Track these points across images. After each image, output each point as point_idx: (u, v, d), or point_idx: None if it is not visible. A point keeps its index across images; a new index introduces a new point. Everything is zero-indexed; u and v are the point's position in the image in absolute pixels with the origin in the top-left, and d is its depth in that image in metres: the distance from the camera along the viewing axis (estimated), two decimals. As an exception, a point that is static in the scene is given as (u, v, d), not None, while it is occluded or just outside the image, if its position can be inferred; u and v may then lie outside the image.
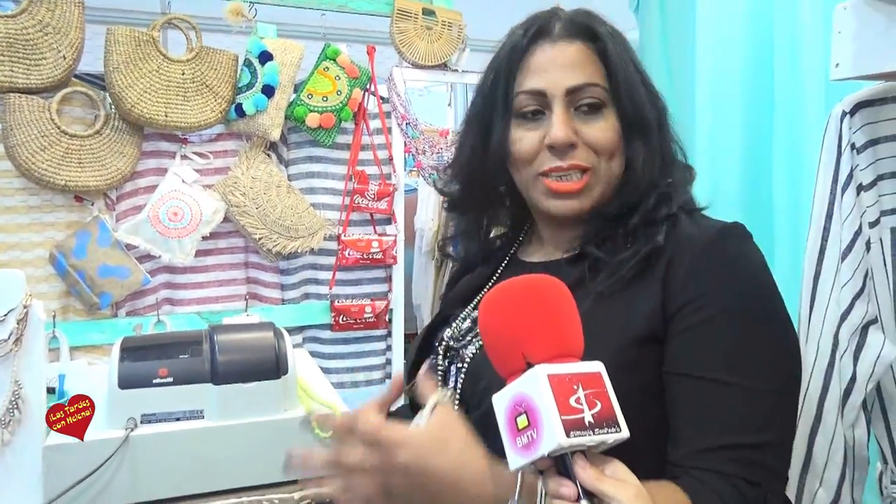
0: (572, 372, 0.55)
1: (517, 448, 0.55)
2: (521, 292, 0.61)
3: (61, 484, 1.03)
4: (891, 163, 0.85)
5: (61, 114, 1.70)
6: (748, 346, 0.69)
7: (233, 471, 1.14)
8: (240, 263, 2.01)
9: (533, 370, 0.55)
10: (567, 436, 0.52)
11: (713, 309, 0.70)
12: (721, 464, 0.65)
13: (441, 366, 0.83)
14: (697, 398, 0.68)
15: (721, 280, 0.71)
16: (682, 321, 0.70)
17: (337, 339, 2.09)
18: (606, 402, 0.55)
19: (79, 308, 1.80)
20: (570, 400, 0.54)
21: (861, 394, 0.85)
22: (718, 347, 0.69)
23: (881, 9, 0.74)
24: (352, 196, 2.05)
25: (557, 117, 0.77)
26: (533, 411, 0.54)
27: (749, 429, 0.67)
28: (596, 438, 0.53)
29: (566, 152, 0.78)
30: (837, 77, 0.79)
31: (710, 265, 0.72)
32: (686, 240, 0.74)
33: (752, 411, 0.68)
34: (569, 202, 0.79)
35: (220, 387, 1.12)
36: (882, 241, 0.85)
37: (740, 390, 0.67)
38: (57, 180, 1.69)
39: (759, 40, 1.41)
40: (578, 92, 0.78)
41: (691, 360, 0.70)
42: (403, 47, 2.11)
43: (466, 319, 0.86)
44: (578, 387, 0.54)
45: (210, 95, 1.84)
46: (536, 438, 0.53)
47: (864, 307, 0.85)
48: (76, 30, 1.69)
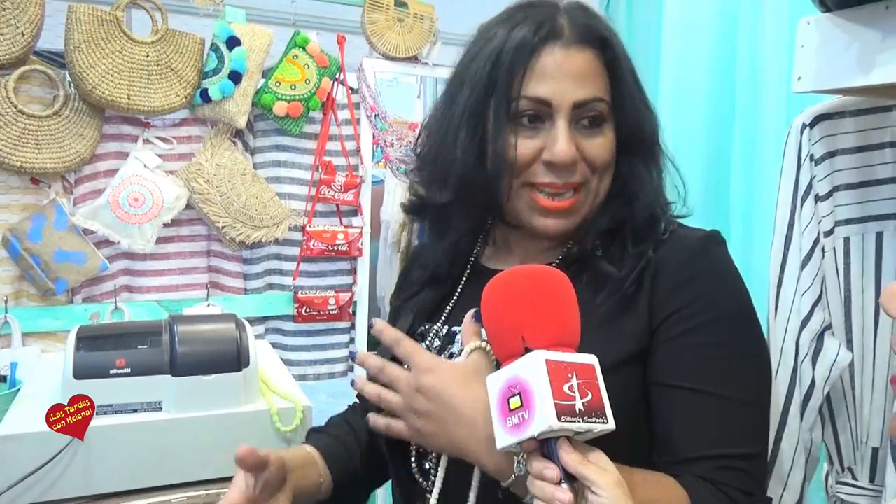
0: (568, 361, 0.58)
1: (507, 427, 0.58)
2: (528, 279, 0.63)
3: (12, 475, 1.00)
4: (846, 175, 0.87)
5: (18, 92, 1.65)
6: (734, 356, 0.70)
7: (191, 464, 1.12)
8: (202, 252, 1.97)
9: (532, 354, 0.58)
10: (558, 419, 0.55)
11: (698, 319, 0.70)
12: (715, 472, 0.66)
13: None
14: (687, 409, 0.69)
15: (705, 290, 0.71)
16: (666, 331, 0.71)
17: (300, 331, 2.07)
18: (597, 394, 0.58)
19: (33, 293, 1.75)
20: (564, 387, 0.56)
21: (819, 398, 0.88)
22: (706, 357, 0.69)
23: (843, 26, 0.76)
24: (318, 186, 2.03)
25: (562, 133, 0.72)
26: (527, 393, 0.57)
27: (740, 440, 0.68)
28: (584, 426, 0.56)
29: (567, 169, 0.74)
30: (799, 90, 0.81)
31: (694, 275, 0.72)
32: (669, 251, 0.74)
33: (741, 422, 0.69)
34: (558, 221, 0.76)
35: (180, 378, 1.11)
36: (836, 250, 0.88)
37: (728, 401, 0.68)
38: (12, 161, 1.63)
39: (722, 50, 1.44)
40: (584, 107, 0.73)
41: (679, 371, 0.70)
42: (374, 38, 2.10)
43: (437, 338, 0.82)
44: (573, 375, 0.57)
45: (175, 79, 1.80)
46: (528, 419, 0.56)
47: (823, 314, 0.88)
48: (36, 6, 1.63)
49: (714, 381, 0.69)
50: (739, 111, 1.38)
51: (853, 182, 0.87)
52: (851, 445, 0.88)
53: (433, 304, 0.85)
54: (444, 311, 0.84)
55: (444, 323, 0.82)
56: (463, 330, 0.73)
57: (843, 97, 0.88)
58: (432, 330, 0.83)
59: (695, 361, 0.69)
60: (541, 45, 0.73)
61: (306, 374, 2.09)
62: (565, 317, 0.62)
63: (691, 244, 0.74)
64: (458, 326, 0.79)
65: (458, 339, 0.79)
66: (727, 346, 0.70)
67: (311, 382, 2.07)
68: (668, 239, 0.75)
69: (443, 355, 0.79)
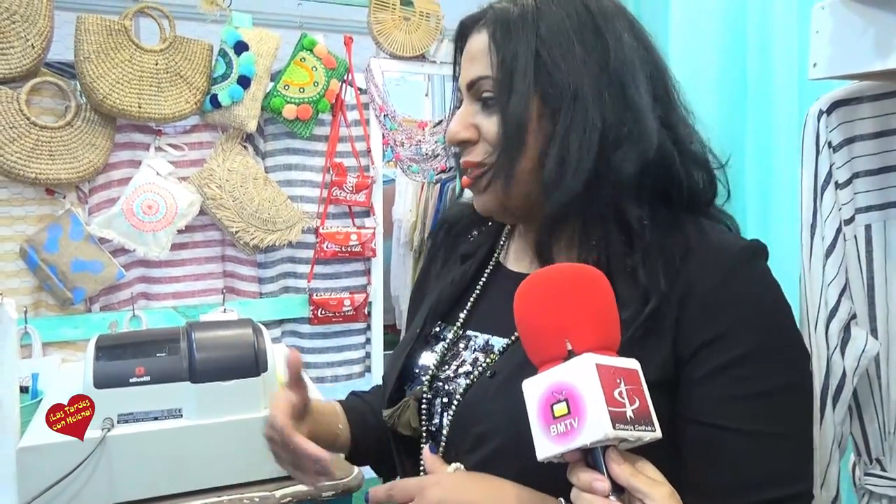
0: (616, 365, 0.55)
1: (551, 436, 0.54)
2: (568, 279, 0.59)
3: (37, 486, 1.01)
4: (865, 161, 0.85)
5: (30, 104, 1.66)
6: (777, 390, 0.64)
7: (212, 469, 1.13)
8: (216, 257, 1.98)
9: (581, 358, 0.54)
10: (613, 427, 0.51)
11: (735, 351, 0.64)
12: None
13: (426, 396, 0.77)
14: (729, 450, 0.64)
15: (742, 318, 0.65)
16: (699, 365, 0.65)
17: (316, 333, 2.08)
18: (644, 400, 0.54)
19: (51, 303, 1.76)
20: (615, 392, 0.53)
21: (850, 389, 0.86)
22: (746, 394, 0.64)
23: (858, 10, 0.74)
24: (330, 188, 2.04)
25: (457, 114, 0.75)
26: (576, 399, 0.53)
27: (786, 480, 0.64)
28: (635, 434, 0.53)
29: (463, 148, 0.75)
30: (815, 76, 0.79)
31: (730, 301, 0.65)
32: (700, 266, 0.67)
33: (788, 460, 0.65)
34: (476, 198, 0.76)
35: (199, 385, 1.11)
36: (857, 238, 0.86)
37: (774, 438, 0.64)
38: (27, 173, 1.65)
39: (732, 37, 1.41)
40: (474, 87, 0.73)
41: (716, 409, 0.64)
42: (381, 38, 2.09)
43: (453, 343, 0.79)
44: (621, 381, 0.54)
45: (184, 86, 1.80)
46: (577, 427, 0.52)
47: (849, 303, 0.86)
48: (45, 18, 1.65)
49: (756, 420, 0.64)
50: (751, 99, 1.36)
51: (872, 168, 0.85)
52: (879, 436, 0.87)
53: (448, 303, 0.83)
54: (460, 312, 0.82)
55: (462, 326, 0.81)
56: (428, 465, 0.72)
57: (859, 82, 0.86)
58: (448, 331, 0.81)
59: (733, 398, 0.64)
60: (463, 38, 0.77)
61: (324, 376, 2.09)
62: (610, 318, 0.58)
63: (726, 260, 0.67)
64: (472, 331, 0.78)
65: (470, 347, 0.78)
66: (768, 379, 0.64)
67: (329, 384, 2.08)
68: (700, 248, 0.68)
69: (454, 363, 0.77)
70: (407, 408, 0.76)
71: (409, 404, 0.76)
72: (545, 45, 0.69)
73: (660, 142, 0.69)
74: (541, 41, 0.70)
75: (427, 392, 0.77)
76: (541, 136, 0.70)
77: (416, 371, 0.80)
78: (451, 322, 0.81)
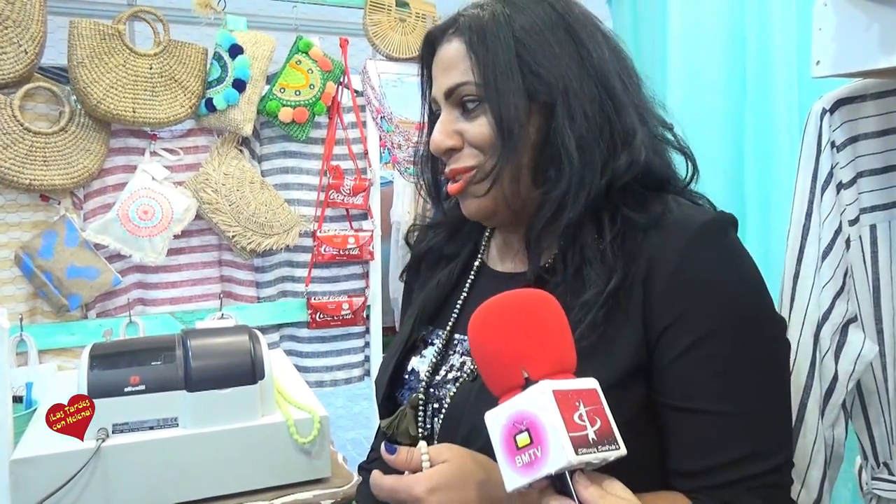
0: (573, 388, 0.54)
1: (516, 467, 0.53)
2: (516, 307, 0.59)
3: (30, 499, 0.99)
4: (870, 160, 0.84)
5: (24, 110, 1.65)
6: (749, 366, 0.64)
7: (210, 479, 1.11)
8: (213, 262, 1.97)
9: (538, 386, 0.54)
10: (576, 453, 0.51)
11: (703, 328, 0.64)
12: (744, 495, 0.64)
13: (421, 401, 0.77)
14: (706, 431, 0.64)
15: (708, 293, 0.65)
16: (668, 346, 0.65)
17: (314, 338, 2.06)
18: (605, 419, 0.54)
19: (47, 310, 1.75)
20: (574, 416, 0.53)
21: (843, 393, 0.85)
22: (718, 373, 0.64)
23: (862, 6, 0.73)
24: (327, 191, 2.02)
25: (437, 124, 0.75)
26: (537, 428, 0.52)
27: (766, 454, 0.65)
28: (599, 455, 0.52)
29: (449, 156, 0.75)
30: (818, 75, 0.78)
31: (694, 275, 0.65)
32: (664, 241, 0.66)
33: (765, 435, 0.65)
34: (465, 203, 0.76)
35: (195, 394, 1.09)
36: (861, 239, 0.85)
37: (750, 416, 0.64)
38: (21, 179, 1.63)
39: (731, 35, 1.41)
40: (453, 94, 0.74)
41: (691, 391, 0.65)
42: (377, 39, 2.08)
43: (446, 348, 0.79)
44: (580, 403, 0.53)
45: (179, 90, 1.79)
46: (541, 457, 0.52)
47: (845, 306, 0.85)
48: (38, 23, 1.63)
49: (731, 399, 0.64)
50: (750, 98, 1.35)
51: (877, 167, 0.84)
52: (886, 439, 0.85)
53: (435, 306, 0.84)
54: (450, 315, 0.82)
55: (450, 329, 0.80)
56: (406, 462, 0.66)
57: (862, 80, 0.85)
58: (435, 334, 0.81)
59: (706, 379, 0.64)
60: (432, 51, 0.78)
61: (323, 380, 2.08)
62: (563, 342, 0.58)
63: (690, 233, 0.66)
64: (459, 334, 0.79)
65: (457, 351, 0.78)
66: (739, 355, 0.64)
67: (328, 388, 2.06)
68: (665, 224, 0.67)
69: (443, 368, 0.78)
70: (405, 416, 0.77)
71: (407, 412, 0.76)
72: (523, 46, 0.71)
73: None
74: (518, 42, 0.71)
75: (422, 399, 0.77)
76: (535, 134, 0.71)
77: (405, 377, 0.81)
78: (439, 325, 0.82)
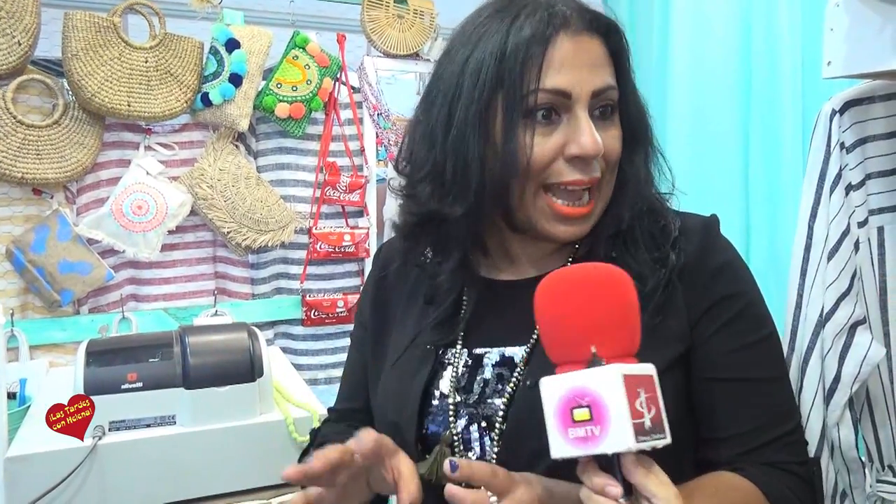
0: (638, 373, 0.55)
1: (569, 438, 0.54)
2: (598, 280, 0.58)
3: (25, 497, 0.98)
4: (879, 162, 0.84)
5: (17, 103, 1.62)
6: (764, 338, 0.72)
7: (208, 478, 1.10)
8: (208, 258, 1.95)
9: (609, 368, 0.54)
10: (636, 440, 0.52)
11: (733, 310, 0.71)
12: (775, 455, 0.69)
13: (453, 426, 0.72)
14: (737, 399, 0.70)
15: (731, 280, 0.72)
16: (706, 327, 0.71)
17: (308, 335, 2.05)
18: (658, 408, 0.55)
19: (39, 305, 1.72)
20: (636, 403, 0.53)
21: (845, 393, 0.84)
22: (746, 345, 0.71)
23: (874, 7, 0.73)
24: (323, 188, 2.01)
25: (587, 123, 0.67)
26: (599, 408, 0.53)
27: (787, 416, 0.72)
28: (651, 443, 0.53)
29: (591, 164, 0.69)
30: (829, 75, 0.78)
31: (718, 267, 0.72)
32: (685, 245, 0.73)
33: (784, 399, 0.72)
34: (577, 227, 0.71)
35: (193, 391, 1.08)
36: (870, 241, 0.85)
37: (770, 383, 0.72)
38: (13, 172, 1.61)
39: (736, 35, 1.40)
40: (600, 96, 0.69)
41: (726, 364, 0.71)
42: (374, 36, 2.07)
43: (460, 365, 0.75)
44: (641, 391, 0.54)
45: (175, 84, 1.77)
46: (599, 436, 0.53)
47: (851, 307, 0.85)
48: (31, 14, 1.60)
49: (757, 367, 0.71)
50: (755, 98, 1.35)
51: (886, 169, 0.84)
52: (892, 442, 0.85)
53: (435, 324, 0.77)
54: (456, 332, 0.76)
55: (464, 346, 0.76)
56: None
57: (871, 82, 0.84)
58: (448, 354, 0.76)
59: (738, 351, 0.71)
60: (553, 36, 0.68)
61: (317, 377, 2.06)
62: (634, 323, 0.57)
63: (702, 235, 0.74)
64: (480, 348, 0.75)
65: (487, 364, 0.74)
66: (757, 329, 0.72)
67: (323, 386, 2.05)
68: (682, 228, 0.74)
69: (475, 382, 0.73)
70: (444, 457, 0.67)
71: (445, 452, 0.70)
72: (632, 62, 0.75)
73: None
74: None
75: (454, 426, 0.72)
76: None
77: (432, 402, 0.75)
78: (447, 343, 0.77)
